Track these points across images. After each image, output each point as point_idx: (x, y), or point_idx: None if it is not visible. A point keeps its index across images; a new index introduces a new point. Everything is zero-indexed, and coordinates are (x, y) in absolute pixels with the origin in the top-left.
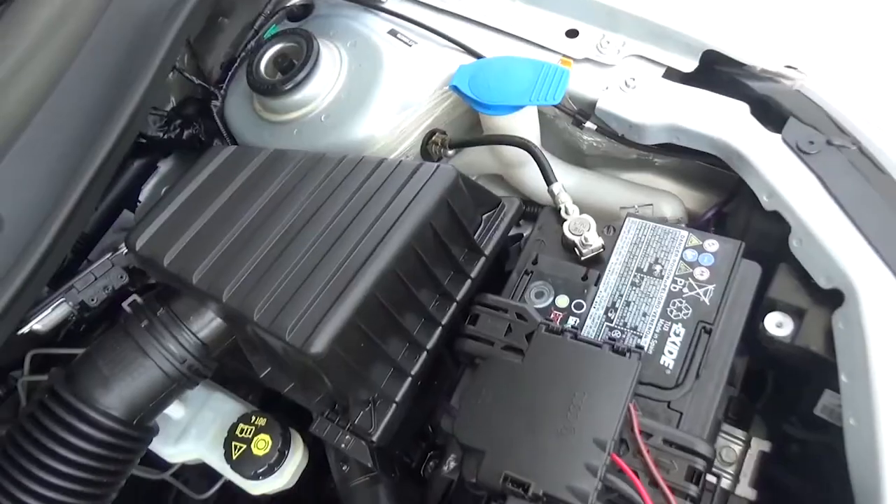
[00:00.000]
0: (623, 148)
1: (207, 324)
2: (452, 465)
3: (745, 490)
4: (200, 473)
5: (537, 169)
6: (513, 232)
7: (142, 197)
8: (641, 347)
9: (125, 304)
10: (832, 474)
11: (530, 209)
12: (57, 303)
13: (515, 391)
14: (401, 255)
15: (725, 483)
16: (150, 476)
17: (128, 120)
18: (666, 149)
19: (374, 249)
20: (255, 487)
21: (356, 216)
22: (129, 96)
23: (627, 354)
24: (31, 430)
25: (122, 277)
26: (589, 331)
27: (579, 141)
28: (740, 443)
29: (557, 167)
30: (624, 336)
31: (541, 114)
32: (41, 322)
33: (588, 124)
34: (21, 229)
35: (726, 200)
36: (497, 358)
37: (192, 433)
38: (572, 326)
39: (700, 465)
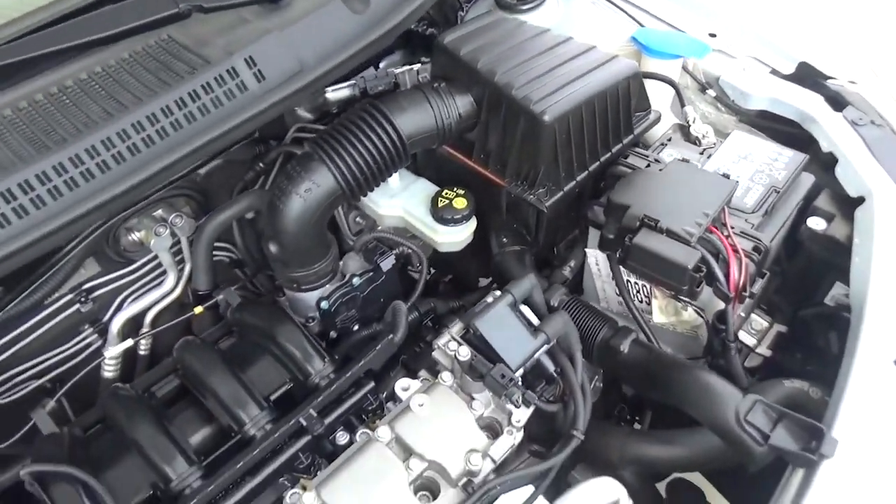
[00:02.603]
0: (724, 120)
1: (465, 104)
2: (569, 268)
3: (763, 350)
4: None
5: (665, 115)
6: None
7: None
8: (737, 180)
9: (419, 78)
10: (825, 349)
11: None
12: (349, 83)
13: (653, 181)
14: (599, 95)
15: (751, 342)
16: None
17: None
18: (760, 116)
19: (586, 84)
20: (446, 234)
21: (577, 66)
22: None
23: (728, 178)
24: (353, 119)
25: (389, 83)
26: None
27: (696, 110)
28: (767, 323)
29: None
30: None
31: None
32: (334, 93)
33: (709, 91)
34: (381, 11)
35: None
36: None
37: (403, 195)
38: None
39: (762, 246)
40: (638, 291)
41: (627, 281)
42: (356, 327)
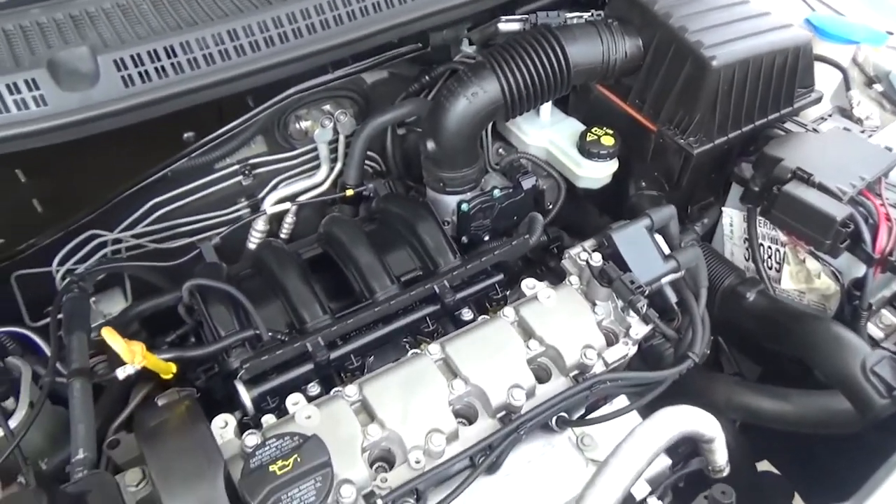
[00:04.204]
0: (887, 118)
1: (633, 46)
2: (700, 225)
3: (889, 345)
4: None
5: (825, 101)
6: None
7: None
8: (891, 149)
9: (591, 18)
10: None
11: None
12: (521, 17)
13: (811, 141)
14: (768, 55)
15: (878, 335)
16: None
17: None
18: None
19: (758, 42)
20: (588, 168)
21: (752, 25)
22: None
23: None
24: (528, 38)
25: (559, 24)
26: None
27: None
28: None
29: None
30: None
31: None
32: (506, 24)
33: (876, 86)
34: None
35: None
36: None
37: (552, 129)
38: None
39: None
40: (769, 257)
41: (760, 245)
42: (487, 237)
